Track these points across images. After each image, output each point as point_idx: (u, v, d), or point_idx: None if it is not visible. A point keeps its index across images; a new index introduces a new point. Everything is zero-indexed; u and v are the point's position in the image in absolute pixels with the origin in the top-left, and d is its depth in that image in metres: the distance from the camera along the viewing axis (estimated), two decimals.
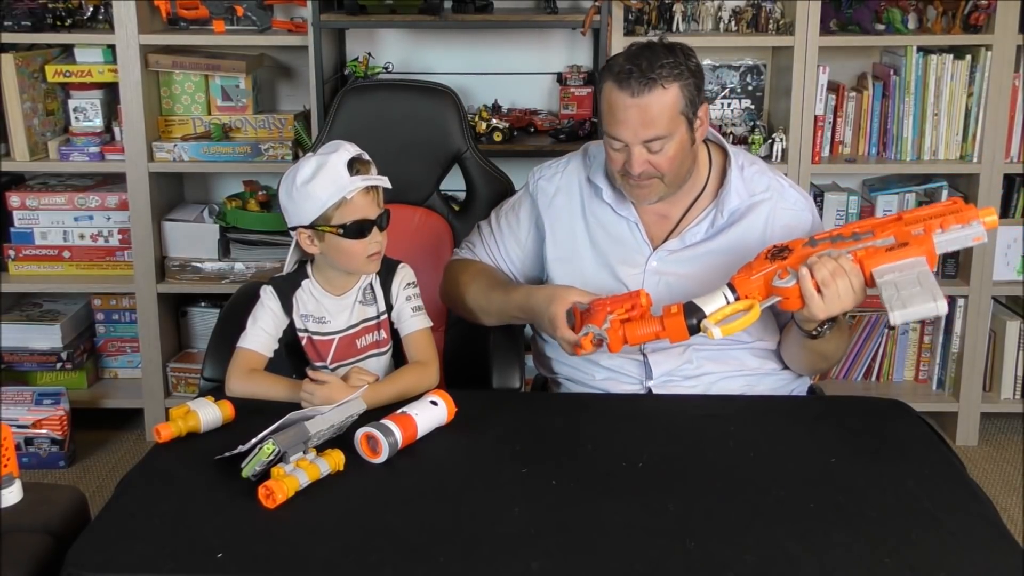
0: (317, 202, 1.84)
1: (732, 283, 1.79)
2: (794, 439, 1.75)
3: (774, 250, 1.81)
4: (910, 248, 1.72)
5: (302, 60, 3.15)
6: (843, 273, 1.73)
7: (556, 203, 2.10)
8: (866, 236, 1.76)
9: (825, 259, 1.74)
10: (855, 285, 1.73)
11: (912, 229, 1.74)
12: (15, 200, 3.22)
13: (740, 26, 3.09)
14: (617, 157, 1.94)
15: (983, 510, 1.53)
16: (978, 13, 2.98)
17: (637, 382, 2.02)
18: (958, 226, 1.72)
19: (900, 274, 1.70)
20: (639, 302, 1.82)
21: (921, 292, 1.67)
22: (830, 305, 1.74)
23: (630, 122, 1.88)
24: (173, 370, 3.28)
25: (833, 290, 1.73)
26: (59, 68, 3.13)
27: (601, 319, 1.81)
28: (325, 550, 1.42)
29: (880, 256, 1.73)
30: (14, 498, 1.66)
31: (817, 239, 1.79)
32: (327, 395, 1.75)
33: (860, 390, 3.28)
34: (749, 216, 2.01)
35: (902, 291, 1.68)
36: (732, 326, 1.75)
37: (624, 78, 1.86)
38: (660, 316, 1.79)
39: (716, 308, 1.77)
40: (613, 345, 1.80)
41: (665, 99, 1.87)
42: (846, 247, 1.76)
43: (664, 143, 1.89)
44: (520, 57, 3.32)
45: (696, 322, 1.76)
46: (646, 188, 1.95)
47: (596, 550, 1.42)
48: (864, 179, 3.33)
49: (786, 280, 1.76)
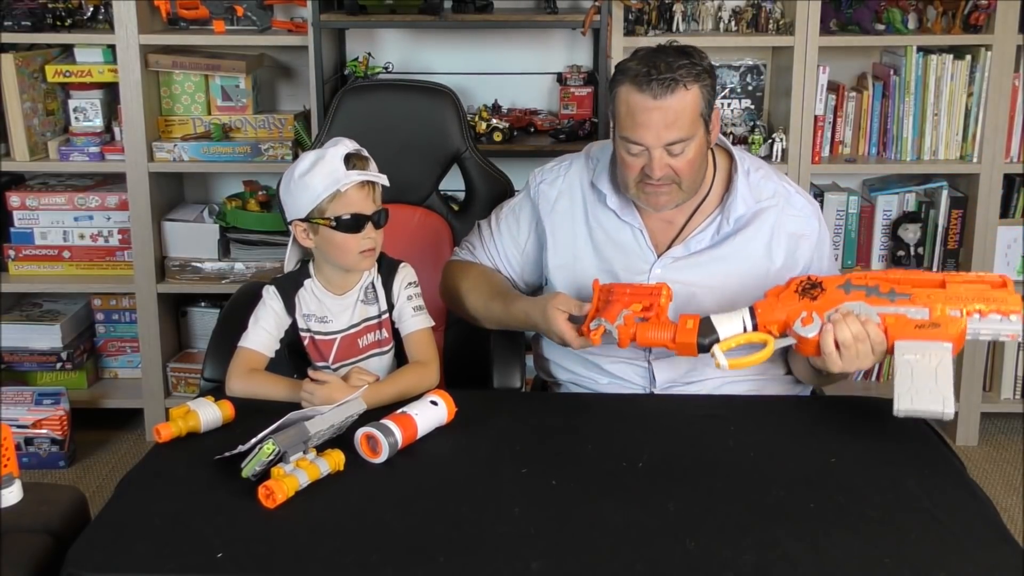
0: (312, 194, 1.85)
1: (753, 309, 1.75)
2: (794, 439, 1.75)
3: (807, 284, 1.76)
4: (941, 331, 1.66)
5: (302, 60, 3.15)
6: (866, 338, 1.69)
7: (558, 208, 2.07)
8: (902, 299, 1.69)
9: (852, 320, 1.69)
10: (876, 352, 1.70)
11: (950, 307, 1.67)
12: (15, 200, 3.22)
13: (740, 26, 3.09)
14: (635, 163, 1.89)
15: (983, 510, 1.53)
16: (978, 13, 2.98)
17: (641, 389, 2.01)
18: (997, 317, 1.66)
19: (921, 358, 1.65)
20: (658, 301, 1.79)
21: (933, 392, 1.62)
22: (847, 364, 1.71)
23: (652, 125, 1.83)
24: (173, 370, 3.28)
25: (853, 353, 1.70)
26: (59, 68, 3.13)
27: (616, 313, 1.79)
28: (325, 550, 1.42)
29: (908, 330, 1.68)
30: (14, 498, 1.66)
31: (854, 284, 1.73)
32: (327, 395, 1.75)
33: (860, 390, 3.28)
34: (755, 223, 1.98)
35: (916, 381, 1.64)
36: (741, 361, 1.73)
37: (645, 80, 1.82)
38: (675, 325, 1.76)
39: (731, 334, 1.74)
40: (622, 342, 1.79)
41: (687, 100, 1.83)
42: (879, 304, 1.70)
43: (685, 146, 1.86)
44: (520, 57, 3.32)
45: (708, 344, 1.74)
46: (665, 195, 1.91)
47: (596, 550, 1.42)
48: (864, 179, 3.33)
49: (807, 329, 1.71)
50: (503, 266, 2.15)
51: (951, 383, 1.64)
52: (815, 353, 1.73)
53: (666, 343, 1.76)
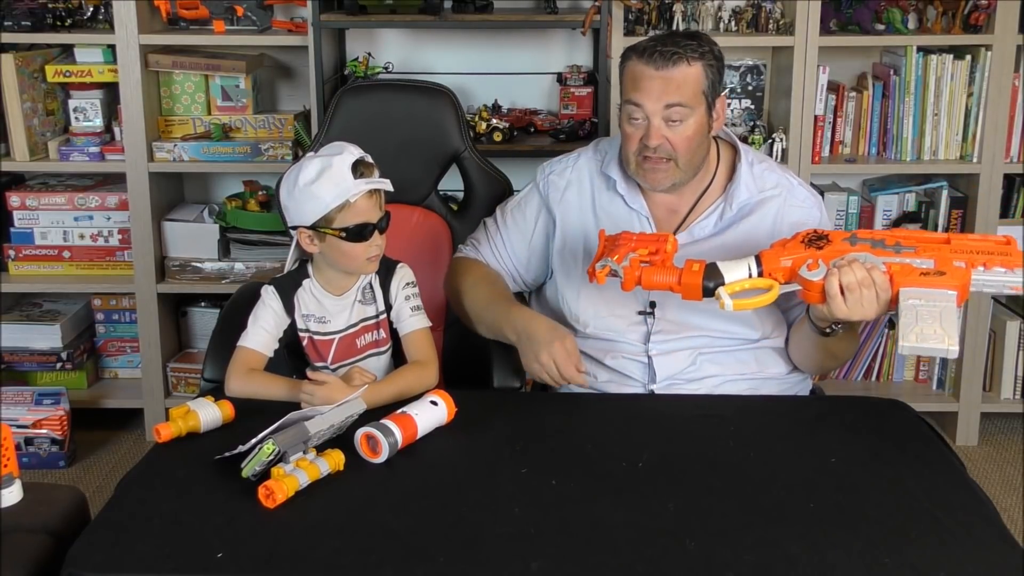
0: (320, 203, 1.84)
1: (760, 256, 1.76)
2: (794, 439, 1.75)
3: (813, 235, 1.76)
4: (946, 279, 1.66)
5: (302, 60, 3.15)
6: (871, 284, 1.69)
7: (567, 197, 2.11)
8: (907, 251, 1.70)
9: (857, 265, 1.69)
10: (881, 299, 1.70)
11: (955, 259, 1.67)
12: (15, 200, 3.21)
13: (740, 26, 3.09)
14: (634, 133, 1.94)
15: (983, 510, 1.53)
16: (978, 13, 2.97)
17: (640, 385, 2.01)
18: (1002, 270, 1.66)
19: (925, 303, 1.65)
20: (664, 247, 1.79)
21: (938, 332, 1.62)
22: (852, 310, 1.70)
23: (653, 90, 1.90)
24: (173, 370, 3.28)
25: (857, 296, 1.69)
26: (59, 68, 3.13)
27: (623, 255, 1.78)
28: (325, 550, 1.42)
29: (913, 277, 1.68)
30: (14, 498, 1.65)
31: (859, 237, 1.74)
32: (327, 395, 1.75)
33: (860, 390, 3.28)
34: (758, 212, 2.01)
35: (921, 322, 1.63)
36: (746, 303, 1.72)
37: (649, 53, 1.90)
38: (680, 269, 1.76)
39: (737, 278, 1.74)
40: (626, 284, 1.78)
41: (689, 73, 1.90)
42: (884, 255, 1.71)
43: (684, 115, 1.91)
44: (520, 57, 3.32)
45: (713, 287, 1.73)
46: (660, 171, 1.95)
47: (596, 550, 1.42)
48: (864, 179, 3.33)
49: (814, 273, 1.71)
50: (510, 260, 2.16)
51: (956, 325, 1.63)
52: (820, 299, 1.73)
53: (671, 285, 1.76)
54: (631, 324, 2.01)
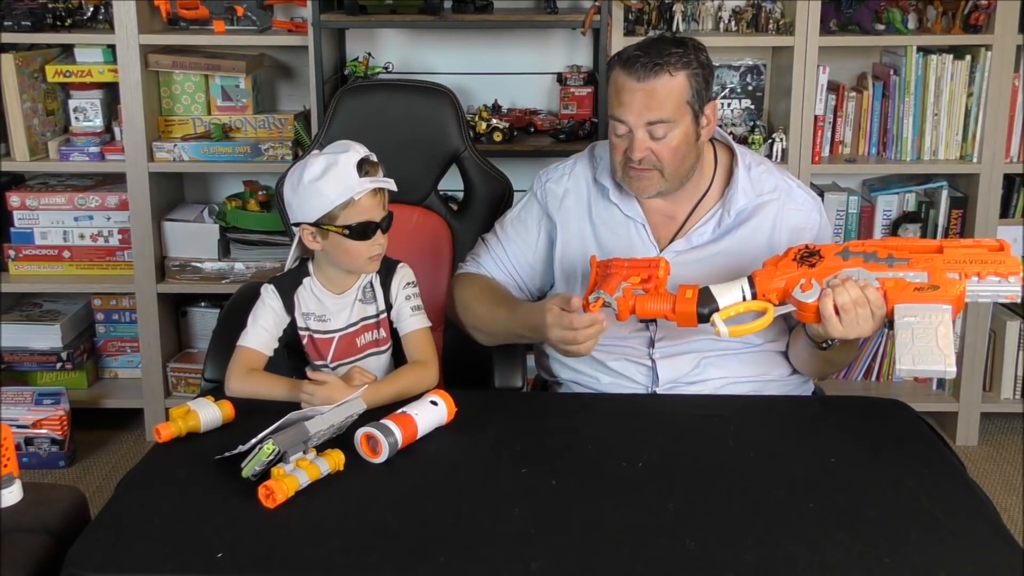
0: (325, 200, 1.84)
1: (752, 278, 1.76)
2: (794, 439, 1.75)
3: (804, 252, 1.76)
4: (940, 293, 1.65)
5: (302, 60, 3.15)
6: (866, 303, 1.68)
7: (566, 204, 2.09)
8: (900, 264, 1.70)
9: (850, 284, 1.69)
10: (876, 316, 1.69)
11: (948, 271, 1.67)
12: (15, 200, 3.22)
13: (740, 26, 3.09)
14: (619, 143, 1.93)
15: (983, 510, 1.53)
16: (978, 13, 2.98)
17: (643, 388, 2.00)
18: (995, 279, 1.65)
19: (921, 320, 1.65)
20: (656, 273, 1.79)
21: (934, 351, 1.62)
22: (848, 329, 1.70)
23: (634, 105, 1.88)
24: (173, 370, 3.28)
25: (852, 316, 1.69)
26: (59, 68, 3.13)
27: (615, 285, 1.78)
28: (325, 550, 1.42)
29: (907, 293, 1.67)
30: (14, 498, 1.66)
31: (852, 251, 1.73)
32: (327, 395, 1.75)
33: (860, 390, 3.28)
34: (756, 217, 2.00)
35: (917, 342, 1.63)
36: (741, 329, 1.73)
37: (632, 63, 1.88)
38: (673, 296, 1.76)
39: (730, 303, 1.74)
40: (621, 315, 1.78)
41: (671, 85, 1.87)
42: (877, 270, 1.70)
43: (668, 129, 1.89)
44: (520, 57, 3.32)
45: (707, 313, 1.74)
46: (645, 180, 1.94)
47: (596, 550, 1.42)
48: (864, 179, 3.33)
49: (807, 294, 1.71)
50: (514, 271, 2.14)
51: (952, 343, 1.64)
52: (815, 319, 1.73)
53: (666, 314, 1.76)
54: (635, 331, 2.00)
